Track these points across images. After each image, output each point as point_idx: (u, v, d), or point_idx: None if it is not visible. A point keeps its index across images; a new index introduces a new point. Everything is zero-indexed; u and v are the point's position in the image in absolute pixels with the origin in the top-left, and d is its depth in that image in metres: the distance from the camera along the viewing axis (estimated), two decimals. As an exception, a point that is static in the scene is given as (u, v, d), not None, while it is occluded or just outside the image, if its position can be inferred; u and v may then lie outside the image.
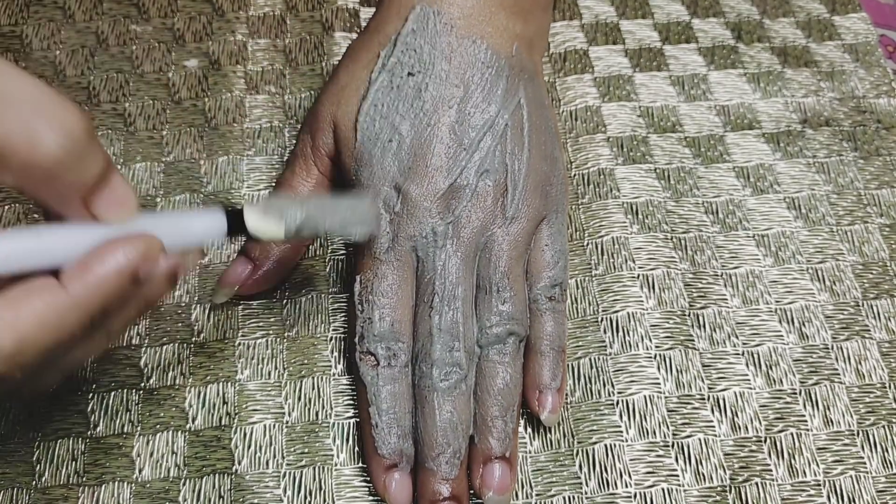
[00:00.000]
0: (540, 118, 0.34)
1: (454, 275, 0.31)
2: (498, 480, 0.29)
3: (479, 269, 0.32)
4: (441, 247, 0.31)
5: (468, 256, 0.32)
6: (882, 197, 0.38)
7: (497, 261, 0.32)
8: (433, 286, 0.31)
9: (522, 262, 0.32)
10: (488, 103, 0.33)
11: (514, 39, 0.35)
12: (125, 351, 0.33)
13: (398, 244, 0.32)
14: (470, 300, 0.31)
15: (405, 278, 0.32)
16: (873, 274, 0.36)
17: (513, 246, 0.32)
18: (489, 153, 0.33)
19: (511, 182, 0.33)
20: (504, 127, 0.33)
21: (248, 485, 0.31)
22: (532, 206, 0.33)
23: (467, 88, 0.33)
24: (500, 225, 0.32)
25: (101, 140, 0.38)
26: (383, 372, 0.30)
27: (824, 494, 0.31)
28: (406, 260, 0.32)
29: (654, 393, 0.33)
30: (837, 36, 0.44)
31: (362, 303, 0.32)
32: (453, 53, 0.33)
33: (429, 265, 0.31)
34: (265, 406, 0.32)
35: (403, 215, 0.32)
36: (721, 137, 0.40)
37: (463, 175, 0.32)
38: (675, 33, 0.44)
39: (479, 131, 0.33)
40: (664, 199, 0.38)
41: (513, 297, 0.31)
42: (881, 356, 0.34)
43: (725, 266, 0.36)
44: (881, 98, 0.42)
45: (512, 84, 0.34)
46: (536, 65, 0.36)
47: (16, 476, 0.30)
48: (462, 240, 0.32)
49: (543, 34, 0.38)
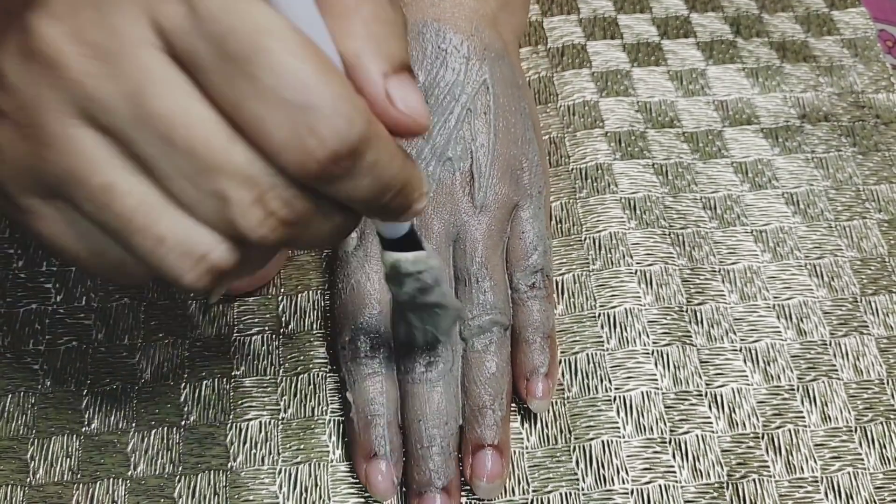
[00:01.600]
0: (509, 99, 0.34)
1: None
2: (489, 469, 0.29)
3: (456, 261, 0.32)
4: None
5: (440, 247, 0.32)
6: (881, 192, 0.38)
7: (472, 251, 0.32)
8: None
9: (500, 251, 0.32)
10: (447, 86, 0.32)
11: (473, 17, 0.34)
12: (120, 346, 0.33)
13: (366, 241, 0.32)
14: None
15: (377, 273, 0.32)
16: (872, 270, 0.36)
17: (486, 235, 0.32)
18: (451, 140, 0.32)
19: (476, 169, 0.32)
20: (465, 111, 0.32)
21: (243, 481, 0.30)
22: (501, 193, 0.32)
23: (423, 73, 0.32)
24: (471, 214, 0.32)
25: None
26: (361, 365, 0.30)
27: (822, 491, 0.31)
28: (376, 255, 0.32)
29: (652, 389, 0.33)
30: (836, 31, 0.44)
31: (336, 299, 0.32)
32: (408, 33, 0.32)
33: None
34: (261, 402, 0.32)
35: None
36: (719, 132, 0.40)
37: (424, 165, 0.32)
38: (673, 28, 0.44)
39: (439, 117, 0.32)
40: (662, 195, 0.38)
41: (493, 287, 0.31)
42: (879, 352, 0.34)
43: (723, 262, 0.36)
44: (880, 93, 0.41)
45: (473, 65, 0.33)
46: (507, 43, 0.35)
47: (10, 473, 0.30)
48: (431, 232, 0.31)
49: (514, 10, 0.37)
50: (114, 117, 0.18)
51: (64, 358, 0.33)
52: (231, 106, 0.18)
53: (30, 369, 0.32)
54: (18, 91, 0.19)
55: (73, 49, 0.18)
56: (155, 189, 0.19)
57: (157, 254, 0.19)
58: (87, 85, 0.18)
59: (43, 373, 0.32)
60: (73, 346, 0.33)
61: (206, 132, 0.18)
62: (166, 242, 0.19)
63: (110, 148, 0.19)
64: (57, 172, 0.19)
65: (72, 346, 0.33)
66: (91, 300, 0.34)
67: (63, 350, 0.33)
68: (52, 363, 0.33)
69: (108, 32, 0.18)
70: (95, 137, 0.19)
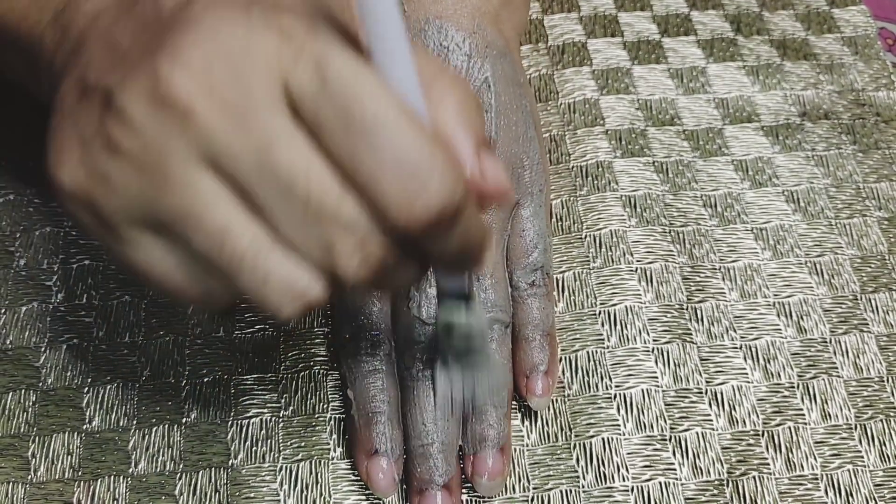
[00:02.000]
0: (510, 97, 0.34)
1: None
2: (490, 467, 0.29)
3: None
4: None
5: None
6: (881, 190, 0.38)
7: None
8: None
9: (500, 249, 0.32)
10: None
11: (475, 14, 0.34)
12: (121, 344, 0.33)
13: None
14: None
15: None
16: (872, 267, 0.36)
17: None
18: None
19: None
20: None
21: (244, 479, 0.30)
22: None
23: None
24: None
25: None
26: (362, 363, 0.30)
27: (822, 488, 0.31)
28: None
29: (652, 386, 0.33)
30: (837, 29, 0.44)
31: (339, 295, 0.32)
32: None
33: None
34: (262, 400, 0.32)
35: None
36: (720, 130, 0.40)
37: None
38: (673, 25, 0.44)
39: None
40: (662, 193, 0.38)
41: (494, 285, 0.31)
42: (879, 350, 0.34)
43: (724, 259, 0.36)
44: (880, 91, 0.41)
45: (474, 62, 0.33)
46: (508, 41, 0.35)
47: (11, 471, 0.30)
48: None
49: (515, 7, 0.37)
50: (239, 166, 0.20)
51: (65, 356, 0.33)
52: (348, 165, 0.20)
53: (31, 367, 0.32)
54: (143, 132, 0.20)
55: (207, 103, 0.19)
56: (265, 232, 0.21)
57: (261, 290, 0.21)
58: (216, 137, 0.20)
59: (44, 370, 0.32)
60: (74, 343, 0.33)
61: (322, 186, 0.20)
62: (271, 280, 0.21)
63: (227, 192, 0.20)
64: (173, 211, 0.20)
65: (73, 344, 0.33)
66: (92, 298, 0.34)
67: (64, 348, 0.33)
68: (53, 361, 0.33)
69: (241, 91, 0.20)
70: (214, 181, 0.20)
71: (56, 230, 0.36)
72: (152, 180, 0.20)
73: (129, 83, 0.20)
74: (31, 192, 0.37)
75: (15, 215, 0.36)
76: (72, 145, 0.21)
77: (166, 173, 0.20)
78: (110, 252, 0.23)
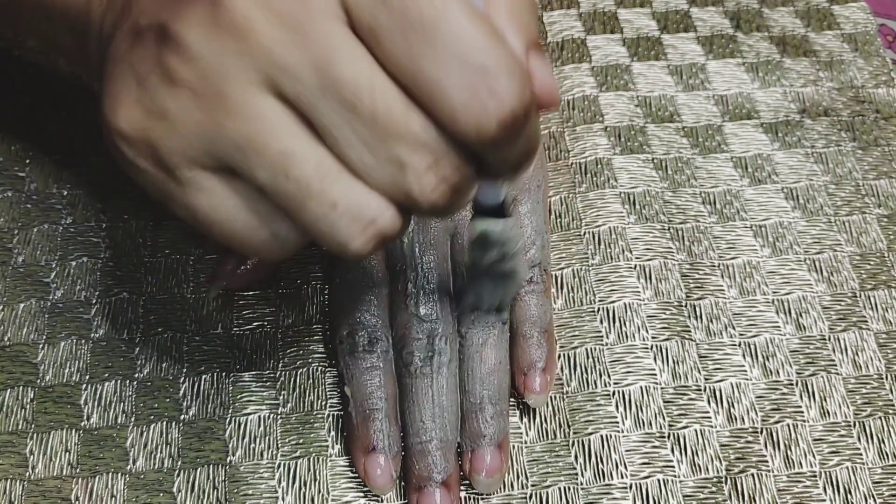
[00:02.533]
0: None
1: (425, 261, 0.31)
2: (488, 463, 0.29)
3: (454, 256, 0.32)
4: (405, 235, 0.31)
5: (438, 242, 0.32)
6: (880, 187, 0.38)
7: None
8: (405, 274, 0.31)
9: None
10: None
11: None
12: (119, 341, 0.33)
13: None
14: (446, 286, 0.31)
15: (374, 268, 0.32)
16: (871, 265, 0.36)
17: None
18: None
19: None
20: None
21: (242, 475, 0.30)
22: None
23: None
24: (469, 209, 0.32)
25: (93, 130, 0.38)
26: (359, 360, 0.30)
27: (820, 486, 0.31)
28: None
29: (651, 384, 0.33)
30: (837, 25, 0.44)
31: (333, 294, 0.32)
32: None
33: (397, 254, 0.31)
34: (260, 397, 0.32)
35: None
36: (719, 127, 0.40)
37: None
38: (673, 22, 0.43)
39: None
40: (661, 190, 0.38)
41: None
42: (878, 347, 0.34)
43: (723, 256, 0.36)
44: (880, 88, 0.41)
45: None
46: None
47: (9, 468, 0.30)
48: (428, 226, 0.32)
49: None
50: (300, 85, 0.19)
51: (63, 352, 0.33)
52: (410, 73, 0.19)
53: (29, 363, 0.32)
54: (201, 60, 0.19)
55: (264, 20, 0.19)
56: (330, 156, 0.20)
57: (328, 219, 0.20)
58: (275, 53, 0.19)
59: (42, 367, 0.32)
60: (72, 340, 0.33)
61: (387, 101, 0.19)
62: (338, 208, 0.20)
63: (290, 115, 0.20)
64: (235, 140, 0.20)
65: (70, 341, 0.33)
66: (90, 295, 0.34)
67: (62, 345, 0.33)
68: (50, 358, 0.33)
69: (297, 3, 0.19)
70: (276, 105, 0.19)
71: (54, 227, 0.36)
72: (212, 109, 0.20)
73: (184, 11, 0.19)
74: (28, 189, 0.37)
75: (13, 212, 0.36)
76: (127, 87, 0.20)
77: (226, 100, 0.19)
78: (170, 202, 0.22)
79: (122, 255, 0.35)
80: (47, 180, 0.37)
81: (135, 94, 0.20)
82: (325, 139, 0.20)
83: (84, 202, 0.36)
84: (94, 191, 0.37)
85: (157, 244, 0.35)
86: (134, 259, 0.35)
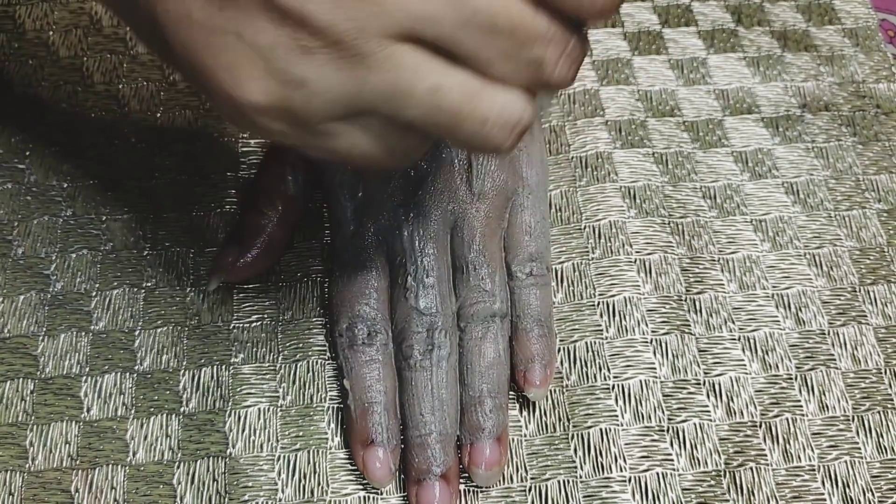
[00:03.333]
0: None
1: (424, 255, 0.31)
2: (487, 457, 0.29)
3: (454, 249, 0.32)
4: (406, 228, 0.31)
5: (438, 235, 0.32)
6: (880, 182, 0.38)
7: (470, 239, 0.32)
8: (405, 267, 0.31)
9: (498, 239, 0.32)
10: None
11: None
12: (119, 334, 0.33)
13: (363, 229, 0.32)
14: (446, 279, 0.31)
15: (374, 261, 0.32)
16: (871, 259, 0.36)
17: (484, 223, 0.32)
18: None
19: (474, 156, 0.32)
20: None
21: (242, 468, 0.30)
22: (499, 180, 0.33)
23: None
24: (468, 202, 0.32)
25: (93, 122, 0.38)
26: (359, 352, 0.30)
27: (819, 479, 0.31)
28: (372, 243, 0.32)
29: (650, 377, 0.33)
30: (837, 20, 0.44)
31: (333, 287, 0.32)
32: None
33: (397, 247, 0.32)
34: (260, 389, 0.32)
35: (365, 200, 0.32)
36: (720, 122, 0.40)
37: None
38: (674, 16, 0.43)
39: None
40: (662, 184, 0.38)
41: (491, 275, 0.31)
42: (877, 342, 0.34)
43: (722, 251, 0.36)
44: (881, 83, 0.41)
45: None
46: None
47: (9, 459, 0.30)
48: (429, 219, 0.32)
49: None
50: (440, 27, 0.20)
51: (63, 345, 0.33)
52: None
53: (29, 356, 0.32)
54: (334, 28, 0.20)
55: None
56: (471, 76, 0.21)
57: (482, 133, 0.21)
58: (412, 5, 0.20)
59: (42, 359, 0.32)
60: (72, 333, 0.33)
61: (519, 13, 0.20)
62: (490, 120, 0.21)
63: (429, 55, 0.20)
64: (381, 91, 0.20)
65: (70, 334, 0.33)
66: (90, 287, 0.34)
67: (62, 337, 0.33)
68: (51, 350, 0.33)
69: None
70: (416, 50, 0.20)
71: (54, 219, 0.36)
72: (353, 68, 0.20)
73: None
74: (28, 181, 0.37)
75: (13, 204, 0.36)
76: (249, 61, 0.20)
77: (367, 58, 0.20)
78: (305, 149, 0.23)
79: (122, 247, 0.35)
80: (47, 172, 0.37)
81: (262, 67, 0.20)
82: (468, 63, 0.21)
83: (84, 195, 0.36)
84: (93, 183, 0.37)
85: (157, 237, 0.35)
86: (134, 252, 0.35)
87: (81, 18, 0.41)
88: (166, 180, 0.37)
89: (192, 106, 0.39)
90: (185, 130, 0.38)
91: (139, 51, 0.40)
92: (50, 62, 0.40)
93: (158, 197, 0.36)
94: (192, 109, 0.39)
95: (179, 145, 0.38)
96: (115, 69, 0.40)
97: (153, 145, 0.38)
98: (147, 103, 0.39)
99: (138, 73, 0.40)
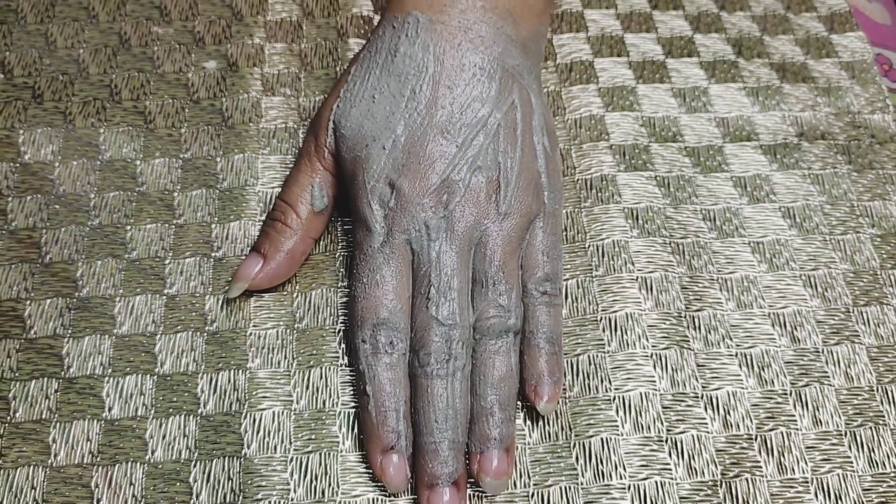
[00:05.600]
0: (535, 119, 0.36)
1: (449, 267, 0.32)
2: (496, 466, 0.30)
3: (475, 264, 0.33)
4: (435, 240, 0.33)
5: (462, 250, 0.33)
6: (874, 208, 0.40)
7: (492, 255, 0.33)
8: (429, 278, 0.32)
9: (517, 257, 0.34)
10: (481, 104, 0.34)
11: (507, 43, 0.36)
12: (141, 337, 0.34)
13: (393, 238, 0.33)
14: (466, 292, 0.33)
15: (400, 270, 0.33)
16: (864, 282, 0.37)
17: (507, 241, 0.33)
18: (482, 150, 0.34)
19: (504, 179, 0.34)
20: (497, 126, 0.34)
21: (256, 468, 0.32)
22: (525, 202, 0.34)
23: (459, 90, 0.34)
24: (494, 220, 0.33)
25: (122, 136, 0.40)
26: (381, 359, 0.32)
27: (812, 491, 0.32)
28: (401, 252, 0.33)
29: (650, 390, 0.34)
30: (835, 53, 0.45)
31: (358, 293, 0.33)
32: (445, 56, 0.35)
33: (423, 258, 0.33)
34: (274, 393, 0.33)
35: (397, 210, 0.33)
36: (720, 148, 0.41)
37: (455, 171, 0.33)
38: (677, 47, 0.45)
39: (472, 130, 0.34)
40: (664, 206, 0.39)
41: (508, 291, 0.33)
42: (869, 360, 0.35)
43: (721, 271, 0.37)
44: (875, 114, 0.43)
45: (505, 86, 0.35)
46: (532, 68, 0.37)
47: (32, 454, 0.32)
48: (456, 233, 0.33)
49: (539, 38, 0.39)
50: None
51: (87, 346, 0.34)
52: None
53: (55, 356, 0.34)
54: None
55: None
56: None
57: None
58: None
59: (67, 360, 0.34)
60: (97, 335, 0.34)
61: None
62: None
63: None
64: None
65: (95, 336, 0.34)
66: (115, 293, 0.35)
67: (87, 339, 0.34)
68: (75, 351, 0.34)
69: None
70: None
71: (81, 227, 0.37)
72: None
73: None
74: (58, 192, 0.38)
75: (43, 213, 0.37)
76: None
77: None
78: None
79: (146, 255, 0.36)
80: (75, 183, 0.38)
81: None
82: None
83: (110, 205, 0.38)
84: (119, 194, 0.38)
85: (179, 247, 0.37)
86: (156, 260, 0.36)
87: (111, 38, 0.43)
88: (189, 193, 0.38)
89: (214, 123, 0.41)
90: (207, 145, 0.40)
91: (165, 69, 0.42)
92: (80, 78, 0.42)
93: (181, 208, 0.38)
94: (214, 126, 0.40)
95: (201, 159, 0.39)
96: (142, 86, 0.42)
97: (177, 158, 0.39)
98: (172, 119, 0.41)
99: (164, 90, 0.42)
